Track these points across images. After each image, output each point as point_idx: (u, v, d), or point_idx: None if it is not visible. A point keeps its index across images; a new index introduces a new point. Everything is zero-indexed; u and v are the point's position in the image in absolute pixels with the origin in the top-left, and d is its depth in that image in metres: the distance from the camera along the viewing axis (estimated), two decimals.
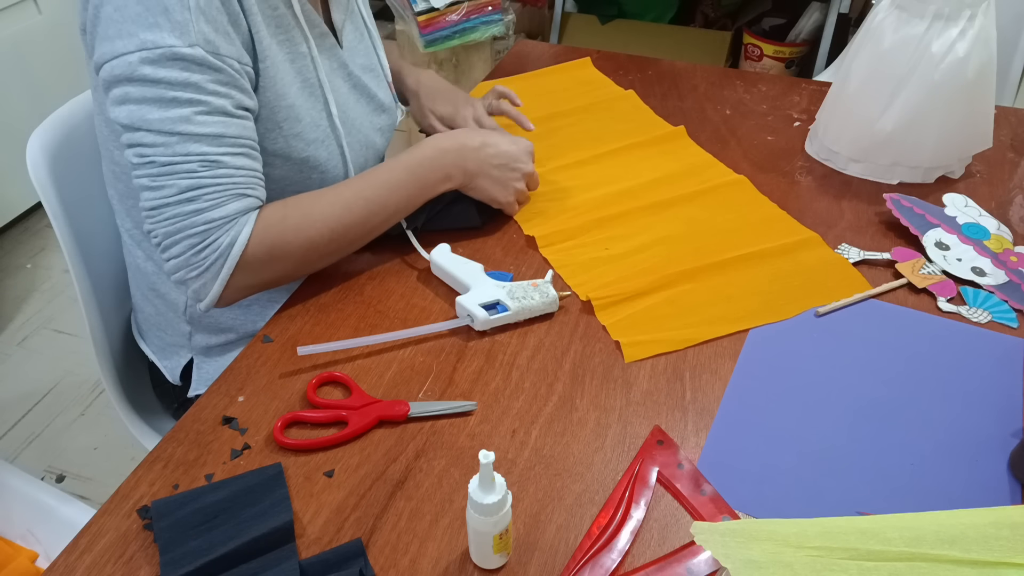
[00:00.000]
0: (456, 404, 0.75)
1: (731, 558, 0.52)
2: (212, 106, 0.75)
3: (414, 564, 0.62)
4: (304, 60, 0.87)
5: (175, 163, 0.74)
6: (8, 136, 2.10)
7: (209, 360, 0.97)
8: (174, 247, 0.76)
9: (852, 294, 0.87)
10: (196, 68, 0.73)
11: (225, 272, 0.77)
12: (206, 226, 0.75)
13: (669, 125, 1.19)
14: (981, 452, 0.71)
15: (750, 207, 1.01)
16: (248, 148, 0.79)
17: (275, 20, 0.82)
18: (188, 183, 0.74)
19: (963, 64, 0.97)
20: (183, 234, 0.75)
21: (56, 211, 0.93)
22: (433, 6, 2.14)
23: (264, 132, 0.84)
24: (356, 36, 0.98)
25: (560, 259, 0.93)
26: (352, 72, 0.95)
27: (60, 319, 2.03)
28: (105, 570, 0.62)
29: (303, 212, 0.82)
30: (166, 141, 0.73)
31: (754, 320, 0.84)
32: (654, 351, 0.81)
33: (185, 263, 0.77)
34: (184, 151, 0.74)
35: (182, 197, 0.74)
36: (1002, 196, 1.04)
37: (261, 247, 0.79)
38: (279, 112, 0.84)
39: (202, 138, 0.74)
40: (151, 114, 0.73)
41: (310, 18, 0.87)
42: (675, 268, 0.90)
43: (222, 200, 0.76)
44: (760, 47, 2.48)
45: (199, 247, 0.76)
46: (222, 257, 0.77)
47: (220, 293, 0.79)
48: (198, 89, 0.74)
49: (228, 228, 0.77)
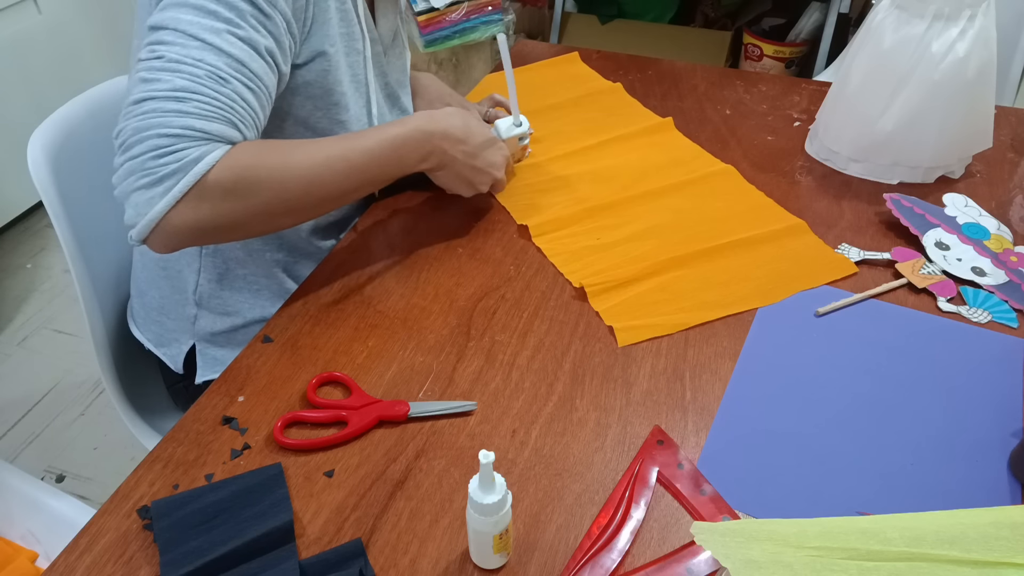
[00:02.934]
0: (456, 404, 0.75)
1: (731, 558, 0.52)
2: (247, 34, 0.72)
3: (414, 564, 0.62)
4: (357, 56, 0.90)
5: (183, 63, 0.68)
6: (8, 136, 2.10)
7: (213, 347, 0.97)
8: (137, 146, 0.67)
9: (838, 277, 0.90)
10: (246, 1, 0.72)
11: (178, 189, 0.68)
12: (181, 131, 0.67)
13: (657, 117, 1.21)
14: (981, 452, 0.71)
15: (737, 195, 1.04)
16: (261, 90, 0.74)
17: (341, 13, 0.85)
18: (185, 83, 0.68)
19: (963, 64, 0.97)
20: (153, 131, 0.67)
21: (57, 211, 0.93)
22: (433, 6, 2.14)
23: (312, 109, 0.86)
24: (397, 52, 1.02)
25: (553, 248, 0.95)
26: (389, 82, 1.00)
27: (60, 319, 2.03)
28: (105, 570, 0.62)
29: (282, 155, 0.75)
30: (185, 42, 0.69)
31: (744, 304, 0.86)
32: (647, 335, 0.83)
33: (140, 166, 0.67)
34: (198, 56, 0.69)
35: (172, 95, 0.67)
36: (1002, 196, 1.04)
37: (227, 175, 0.70)
38: (332, 95, 0.86)
39: (222, 54, 0.70)
40: (184, 15, 0.69)
41: (368, 23, 0.90)
42: (666, 255, 0.92)
43: (211, 115, 0.69)
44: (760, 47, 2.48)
45: (163, 150, 0.67)
46: (182, 171, 0.67)
47: (162, 215, 0.68)
48: (241, 15, 0.71)
49: (201, 144, 0.69)
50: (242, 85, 0.72)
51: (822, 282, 0.89)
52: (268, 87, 0.75)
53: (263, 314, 0.97)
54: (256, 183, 0.73)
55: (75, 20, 2.25)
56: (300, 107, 0.86)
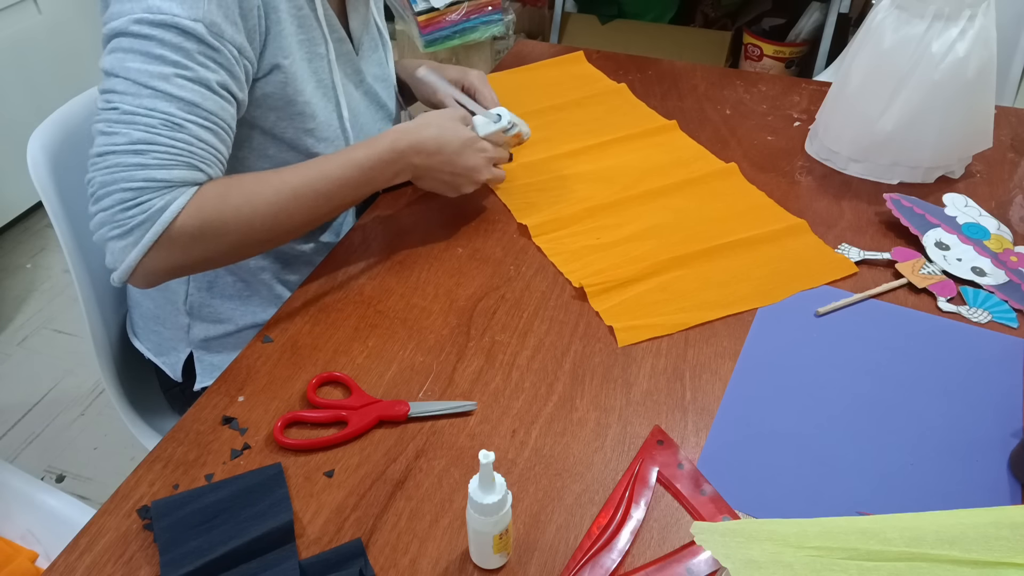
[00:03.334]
0: (456, 404, 0.75)
1: (731, 558, 0.51)
2: (196, 75, 0.73)
3: (414, 564, 0.62)
4: (321, 61, 0.88)
5: (137, 114, 0.70)
6: (8, 136, 2.10)
7: (209, 354, 0.97)
8: (105, 199, 0.71)
9: (838, 277, 0.90)
10: (192, 40, 0.72)
11: (148, 239, 0.71)
12: (143, 183, 0.70)
13: (662, 118, 1.21)
14: (981, 452, 0.71)
15: (738, 196, 1.04)
16: (218, 127, 0.76)
17: (298, 19, 0.84)
18: (142, 135, 0.70)
19: (963, 64, 0.97)
20: (117, 186, 0.70)
21: (56, 211, 0.93)
22: (433, 6, 2.14)
23: (276, 120, 0.86)
24: (371, 46, 1.00)
25: (553, 247, 0.95)
26: (365, 79, 0.98)
27: (60, 319, 2.03)
28: (105, 570, 0.62)
29: (246, 194, 0.77)
30: (137, 91, 0.71)
31: (744, 304, 0.86)
32: (647, 335, 0.83)
33: (111, 218, 0.71)
34: (150, 105, 0.71)
35: (130, 148, 0.70)
36: (1002, 196, 1.04)
37: (193, 221, 0.73)
38: (295, 105, 0.85)
39: (173, 99, 0.72)
40: (132, 63, 0.71)
41: (331, 22, 0.89)
42: (666, 255, 0.92)
43: (170, 163, 0.72)
44: (760, 47, 2.48)
45: (129, 203, 0.70)
46: (149, 221, 0.71)
47: (137, 262, 0.72)
48: (187, 55, 0.72)
49: (164, 193, 0.71)
50: (197, 127, 0.73)
51: (822, 282, 0.89)
52: (226, 120, 0.77)
53: (255, 320, 0.96)
54: (222, 225, 0.75)
55: (75, 20, 2.25)
56: (263, 118, 0.85)
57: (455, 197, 0.95)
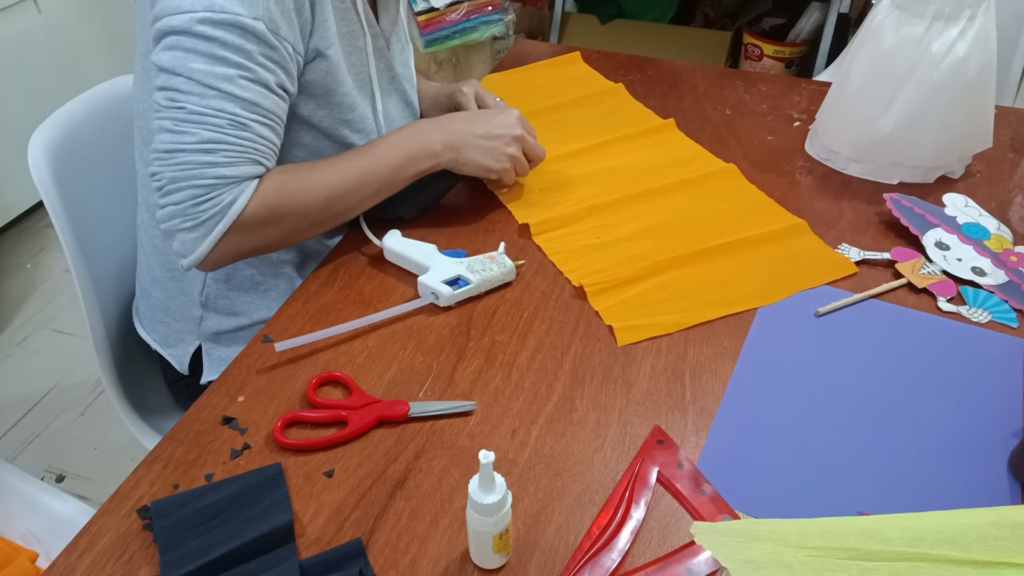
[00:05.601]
0: (456, 404, 0.75)
1: (731, 558, 0.51)
2: (257, 75, 0.77)
3: (414, 564, 0.62)
4: (360, 55, 0.91)
5: (205, 114, 0.75)
6: (8, 136, 2.10)
7: (219, 347, 0.98)
8: (176, 193, 0.76)
9: (838, 277, 0.90)
10: (253, 39, 0.75)
11: (219, 230, 0.78)
12: (215, 180, 0.76)
13: (659, 118, 1.21)
14: (981, 452, 0.71)
15: (738, 195, 1.04)
16: (275, 123, 0.81)
17: (341, 12, 0.87)
18: (211, 135, 0.75)
19: (963, 64, 0.97)
20: (189, 183, 0.75)
21: (57, 210, 0.93)
22: (433, 6, 2.14)
23: (315, 108, 0.88)
24: (399, 47, 1.03)
25: (553, 246, 0.95)
26: (396, 76, 1.01)
27: (60, 319, 2.04)
28: (105, 570, 0.62)
29: (302, 179, 0.83)
30: (203, 92, 0.74)
31: (744, 304, 0.86)
32: (647, 335, 0.83)
33: (183, 212, 0.76)
34: (217, 106, 0.75)
35: (201, 147, 0.75)
36: (1002, 196, 1.04)
37: (259, 210, 0.79)
38: (335, 96, 0.88)
39: (238, 100, 0.76)
40: (196, 64, 0.74)
41: (368, 18, 0.91)
42: (666, 255, 0.92)
43: (238, 161, 0.77)
44: (760, 47, 2.48)
45: (201, 199, 0.76)
46: (220, 214, 0.77)
47: (208, 251, 0.79)
48: (249, 56, 0.76)
49: (233, 188, 0.77)
50: (259, 125, 0.78)
51: (822, 282, 0.89)
52: (280, 116, 0.82)
53: (269, 315, 0.96)
54: (283, 209, 0.82)
55: (75, 20, 2.25)
56: (303, 106, 0.87)
57: (499, 172, 0.96)
